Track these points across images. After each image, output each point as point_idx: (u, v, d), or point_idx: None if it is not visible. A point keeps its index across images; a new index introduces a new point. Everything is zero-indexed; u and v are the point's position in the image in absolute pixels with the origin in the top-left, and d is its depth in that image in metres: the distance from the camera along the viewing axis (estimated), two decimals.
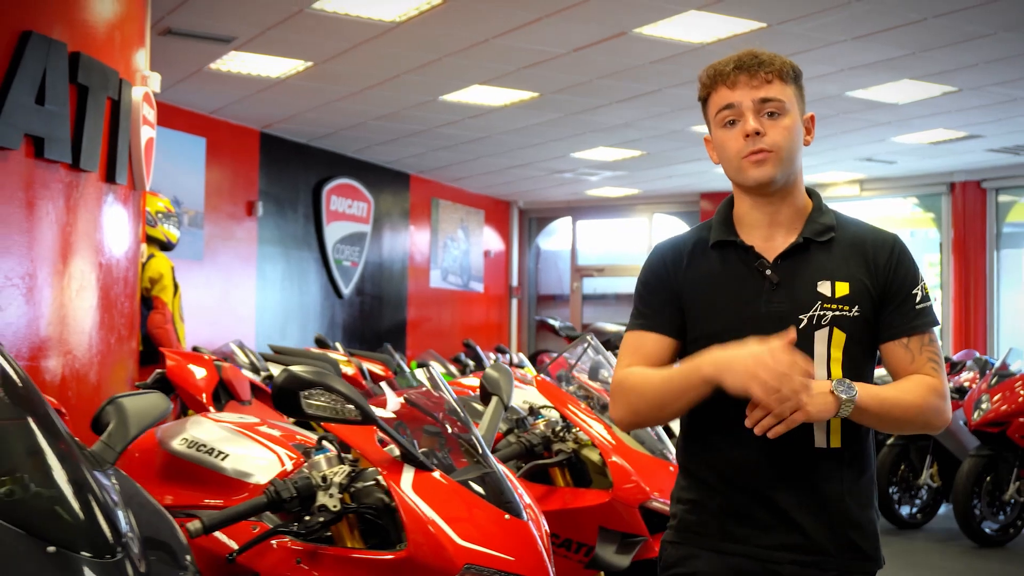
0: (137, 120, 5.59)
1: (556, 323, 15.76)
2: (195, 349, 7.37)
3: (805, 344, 2.16)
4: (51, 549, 1.71)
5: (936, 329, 2.28)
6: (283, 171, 12.35)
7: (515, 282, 17.61)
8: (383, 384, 2.72)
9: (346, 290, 13.33)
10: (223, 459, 2.58)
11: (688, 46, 8.24)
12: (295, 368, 2.36)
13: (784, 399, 2.01)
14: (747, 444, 2.18)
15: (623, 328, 15.72)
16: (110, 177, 5.31)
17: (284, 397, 2.33)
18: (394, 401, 2.67)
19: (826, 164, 13.52)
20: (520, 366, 11.55)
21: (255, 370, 8.29)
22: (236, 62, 9.01)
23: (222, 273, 11.35)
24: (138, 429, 2.09)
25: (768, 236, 2.26)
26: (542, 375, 4.06)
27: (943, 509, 8.60)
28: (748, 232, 2.28)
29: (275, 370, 5.97)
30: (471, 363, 10.89)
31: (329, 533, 2.43)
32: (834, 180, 14.66)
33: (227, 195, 11.59)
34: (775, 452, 2.17)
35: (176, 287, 6.88)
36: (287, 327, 12.37)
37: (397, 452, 2.49)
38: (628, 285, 17.44)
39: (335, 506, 2.35)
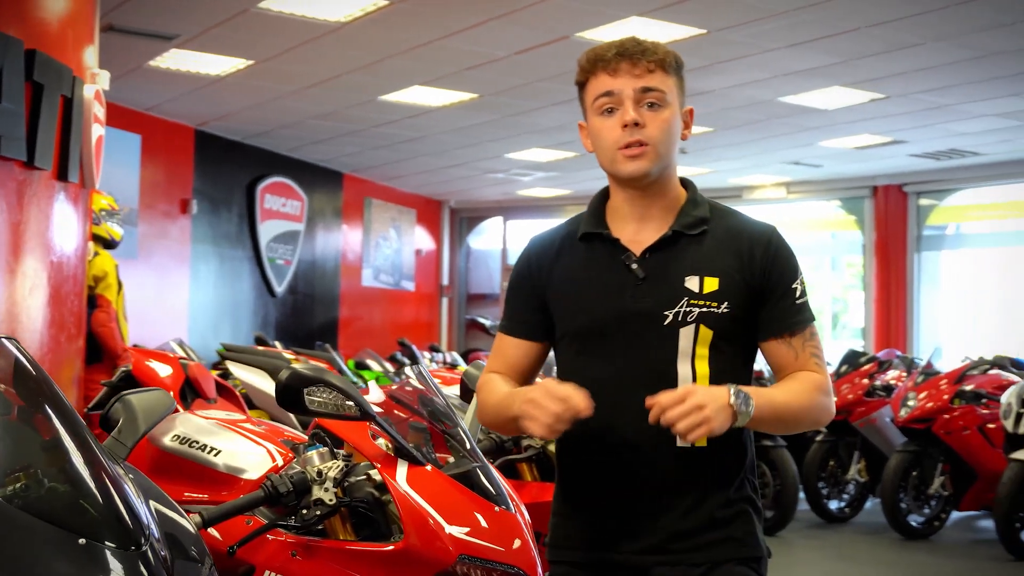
0: (89, 118, 5.57)
1: (487, 322, 15.90)
2: (135, 347, 7.34)
3: (670, 341, 2.13)
4: (82, 541, 1.76)
5: (815, 323, 2.23)
6: (217, 169, 12.29)
7: (446, 281, 17.68)
8: (372, 383, 2.79)
9: (279, 288, 13.30)
10: (215, 455, 2.63)
11: None
12: (298, 366, 2.44)
13: (685, 414, 1.95)
14: (611, 448, 2.15)
15: None
16: (62, 175, 5.29)
17: (288, 394, 2.40)
18: (376, 396, 2.74)
19: (754, 167, 13.80)
20: (454, 365, 11.66)
21: None
22: (177, 60, 8.97)
23: (156, 271, 11.26)
24: (147, 425, 2.15)
25: (639, 229, 2.20)
26: None
27: (870, 503, 8.87)
28: (620, 224, 2.21)
29: (236, 370, 5.99)
30: (407, 361, 10.95)
31: (321, 526, 2.50)
32: (761, 183, 14.96)
33: (162, 193, 11.51)
34: (638, 455, 2.13)
35: (120, 285, 6.84)
36: (220, 325, 12.31)
37: (388, 447, 2.57)
38: None
39: (331, 500, 2.42)
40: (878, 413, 8.44)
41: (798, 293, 2.19)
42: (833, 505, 8.66)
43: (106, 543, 1.78)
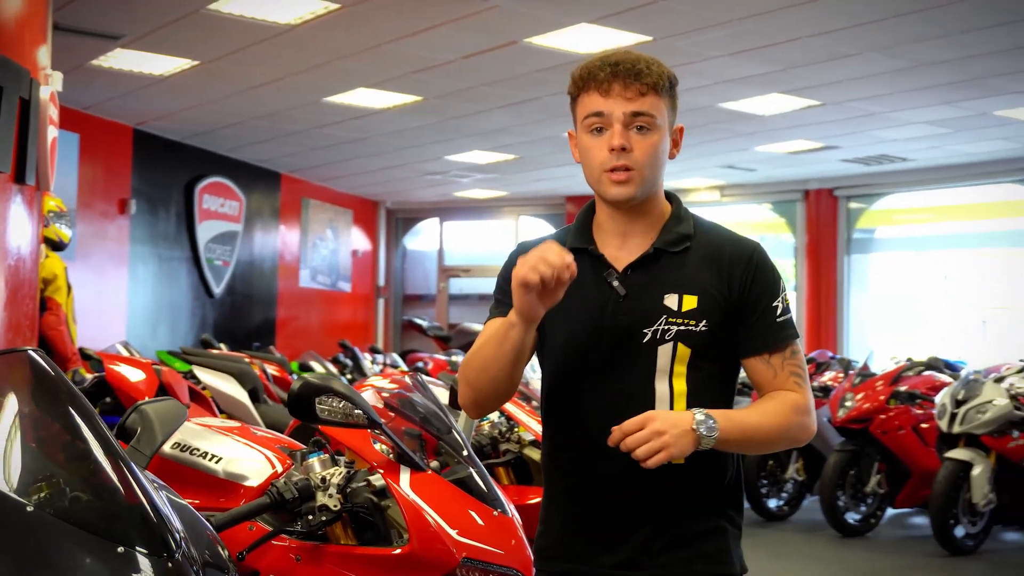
0: (45, 120, 5.53)
1: (424, 323, 15.92)
2: (80, 351, 7.29)
3: (648, 359, 2.13)
4: (120, 549, 1.81)
5: (797, 341, 2.23)
6: (156, 169, 12.18)
7: (382, 282, 17.68)
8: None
9: (217, 289, 13.21)
10: (216, 462, 2.67)
11: (575, 56, 8.50)
12: (308, 376, 2.49)
13: (644, 440, 1.97)
14: (590, 462, 2.16)
15: None
16: (19, 178, 5.25)
17: (300, 403, 2.45)
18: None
19: (690, 170, 14.00)
20: (394, 366, 11.69)
21: None
22: (121, 59, 8.90)
23: (94, 272, 11.13)
24: (164, 434, 2.19)
25: (622, 245, 2.21)
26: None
27: (807, 501, 9.08)
28: (604, 240, 2.22)
29: (202, 374, 5.98)
30: (350, 363, 10.95)
31: (322, 532, 2.56)
32: (696, 186, 15.18)
33: (100, 193, 11.38)
34: (616, 469, 2.12)
35: (69, 288, 6.79)
36: (158, 327, 12.21)
37: (389, 453, 2.64)
38: (493, 286, 17.71)
39: (335, 506, 2.48)
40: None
41: (779, 311, 2.20)
42: (772, 503, 8.85)
43: (144, 551, 1.82)
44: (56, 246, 6.90)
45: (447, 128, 11.48)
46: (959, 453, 7.36)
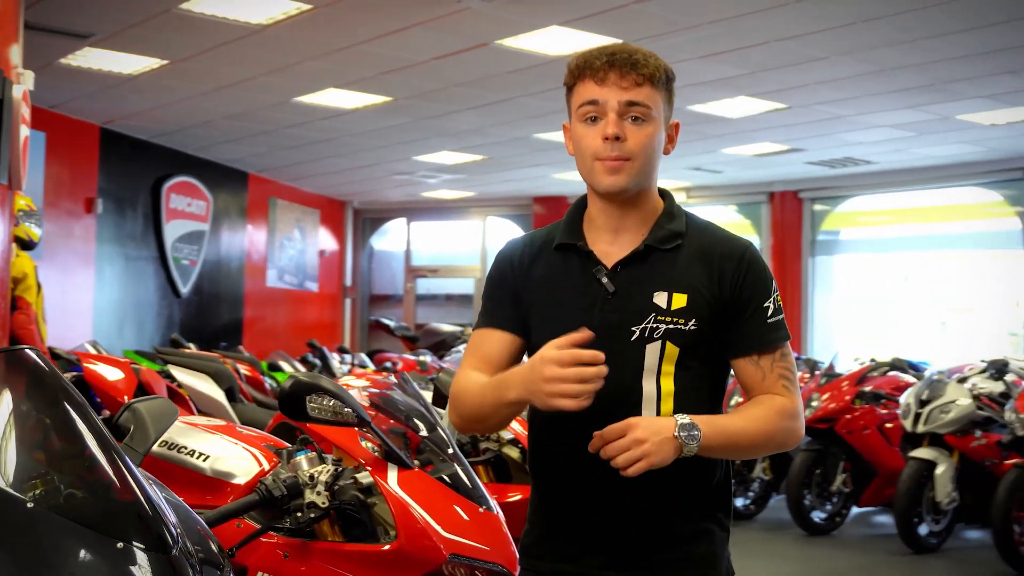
0: (17, 119, 5.52)
1: (392, 323, 15.91)
2: (50, 350, 7.25)
3: (636, 357, 2.11)
4: (119, 545, 1.83)
5: (788, 342, 2.19)
6: (123, 168, 12.12)
7: (349, 282, 17.66)
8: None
9: (184, 289, 13.16)
10: (203, 460, 2.69)
11: (545, 58, 8.56)
12: (300, 375, 2.52)
13: (624, 449, 1.96)
14: (573, 460, 2.13)
15: (458, 328, 15.91)
16: None
17: (291, 401, 2.48)
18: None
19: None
20: (363, 366, 11.68)
21: None
22: (90, 58, 8.86)
23: (60, 271, 11.06)
24: (157, 432, 2.21)
25: (612, 241, 2.18)
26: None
27: (774, 500, 9.18)
28: (595, 235, 2.20)
29: (178, 373, 5.97)
30: (318, 363, 10.94)
31: (309, 528, 2.59)
32: (660, 186, 15.24)
33: (66, 192, 11.32)
34: (603, 471, 2.05)
35: (39, 287, 6.76)
36: (125, 327, 12.15)
37: (376, 451, 2.67)
38: (461, 286, 17.76)
39: (323, 503, 2.51)
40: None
41: (769, 312, 2.16)
42: (739, 502, 8.93)
43: (142, 546, 1.85)
44: (26, 245, 6.87)
45: (416, 128, 11.50)
46: (923, 452, 7.46)
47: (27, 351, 2.04)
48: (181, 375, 5.76)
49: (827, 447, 8.24)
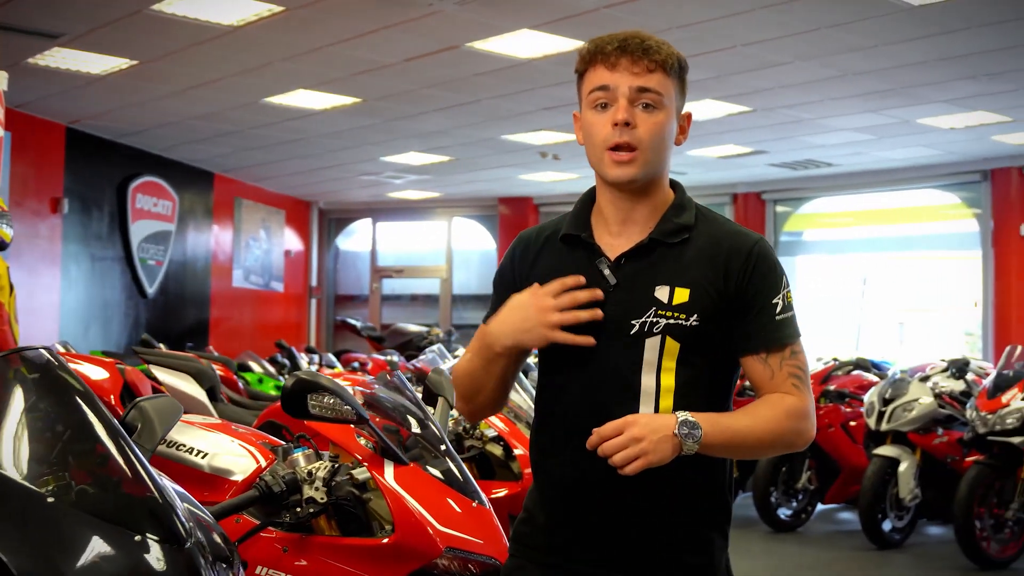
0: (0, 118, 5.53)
1: (358, 323, 15.95)
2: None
3: (635, 351, 2.07)
4: (137, 538, 1.89)
5: (801, 340, 2.14)
6: (89, 168, 12.08)
7: (314, 282, 17.67)
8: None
9: (151, 289, 13.13)
10: (201, 457, 2.75)
11: (515, 60, 8.64)
12: (301, 373, 2.58)
13: (621, 447, 1.94)
14: (572, 454, 2.10)
15: (424, 328, 15.93)
16: None
17: (294, 399, 2.54)
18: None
19: None
20: (331, 366, 11.71)
21: None
22: (58, 58, 8.83)
23: (26, 272, 11.00)
24: (163, 429, 2.26)
25: (620, 232, 2.15)
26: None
27: (741, 497, 9.30)
28: (602, 226, 2.17)
29: (159, 373, 5.98)
30: (288, 363, 10.96)
31: (307, 523, 2.65)
32: None
33: (32, 192, 11.26)
34: (600, 465, 2.01)
35: (12, 288, 6.74)
36: (91, 327, 12.11)
37: (372, 448, 2.74)
38: (426, 286, 17.81)
39: (322, 498, 2.57)
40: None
41: (778, 308, 2.10)
42: None
43: (158, 539, 1.91)
44: None
45: (384, 129, 11.55)
46: (887, 450, 7.61)
47: (40, 351, 2.09)
48: (163, 375, 5.78)
49: None
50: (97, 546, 1.85)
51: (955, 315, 17.04)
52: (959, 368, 8.02)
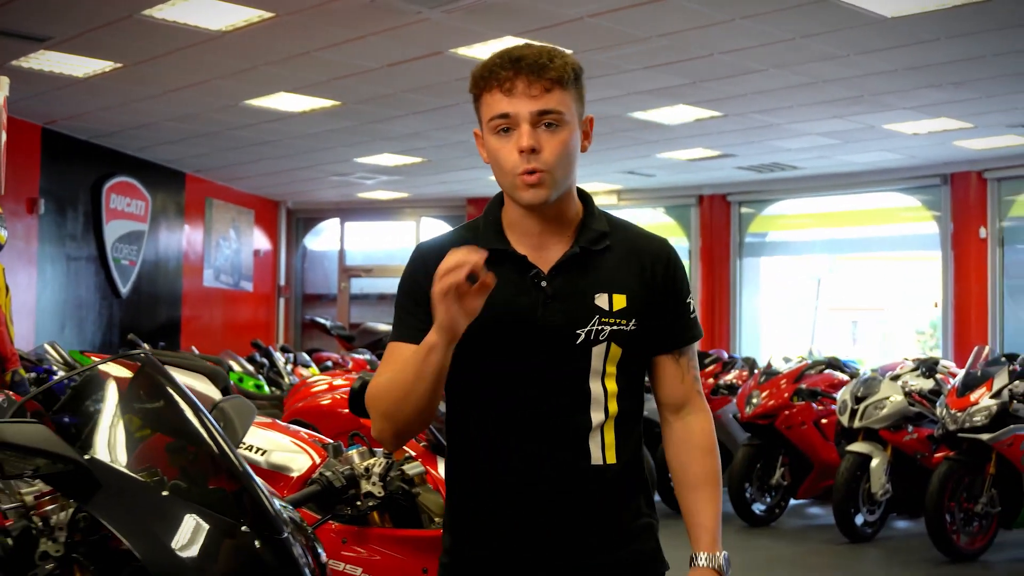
0: (2, 125, 5.62)
1: (328, 323, 16.05)
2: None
3: (582, 360, 2.10)
4: (244, 528, 2.06)
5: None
6: (64, 168, 12.10)
7: (283, 281, 17.73)
8: None
9: (124, 289, 13.18)
10: (260, 454, 2.89)
11: None
12: (367, 375, 2.74)
13: None
14: (520, 462, 2.11)
15: None
16: None
17: (360, 398, 2.69)
18: None
19: (591, 175, 14.43)
20: (306, 366, 11.83)
21: (71, 370, 8.29)
22: (42, 60, 8.89)
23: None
24: (243, 428, 2.43)
25: (539, 244, 2.14)
26: None
27: None
28: (519, 239, 2.15)
29: (176, 374, 6.08)
30: (265, 362, 11.06)
31: (363, 516, 2.82)
32: (595, 190, 15.62)
33: (9, 192, 11.25)
34: (549, 471, 2.10)
35: (7, 289, 6.83)
36: (66, 327, 12.14)
37: (424, 445, 2.91)
38: (394, 286, 17.80)
39: (379, 492, 2.74)
40: (723, 410, 9.16)
41: (691, 308, 2.22)
42: None
43: (261, 531, 2.08)
44: None
45: (360, 131, 11.68)
46: (859, 446, 7.86)
47: (146, 355, 2.25)
48: (179, 376, 5.86)
49: (766, 442, 8.61)
50: (209, 536, 2.02)
51: (907, 314, 17.49)
52: (928, 367, 8.30)
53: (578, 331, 2.10)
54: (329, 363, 12.42)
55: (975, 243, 13.09)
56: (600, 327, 2.11)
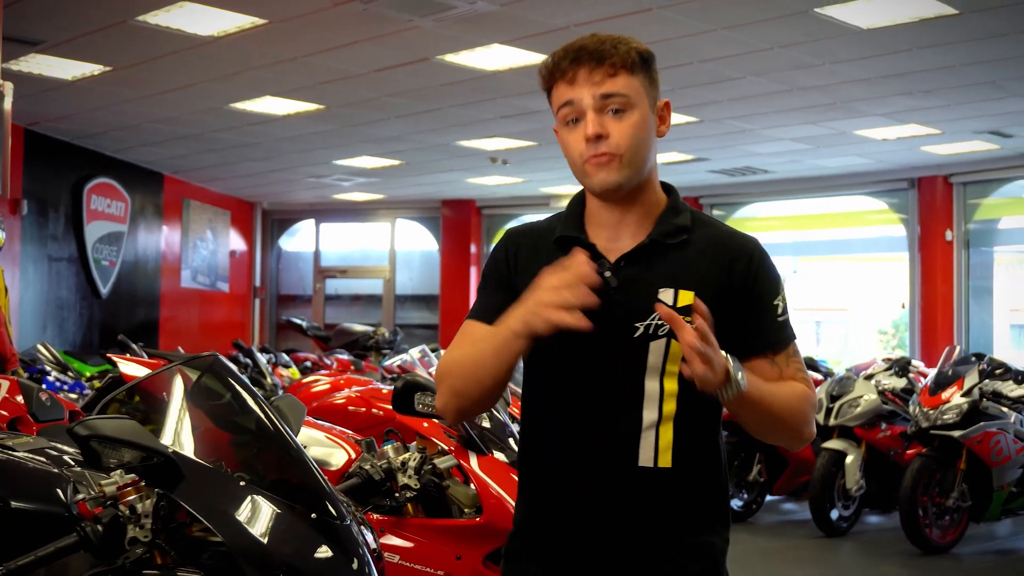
0: (7, 130, 5.75)
1: (304, 323, 16.17)
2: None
3: (639, 354, 2.03)
4: (313, 516, 2.24)
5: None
6: (46, 170, 12.17)
7: (258, 282, 17.82)
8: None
9: (104, 289, 13.25)
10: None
11: (481, 72, 9.00)
12: (408, 376, 2.93)
13: (700, 345, 1.85)
14: (567, 461, 2.09)
15: (370, 328, 16.14)
16: None
17: (403, 397, 2.89)
18: None
19: (566, 178, 14.62)
20: (287, 366, 11.96)
21: (63, 369, 8.39)
22: (32, 63, 8.97)
23: None
24: (296, 424, 2.61)
25: (615, 236, 2.10)
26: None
27: None
28: (596, 230, 2.11)
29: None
30: (249, 363, 11.17)
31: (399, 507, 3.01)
32: (568, 192, 15.77)
33: None
34: (594, 470, 2.05)
35: (6, 290, 6.93)
36: (47, 327, 12.20)
37: (456, 440, 3.10)
38: (369, 287, 18.06)
39: (415, 485, 2.92)
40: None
41: (779, 310, 2.11)
42: None
43: (328, 517, 2.26)
44: None
45: (341, 134, 11.81)
46: (834, 444, 8.12)
47: (217, 358, 2.43)
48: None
49: (743, 440, 8.82)
50: (283, 521, 2.19)
51: (870, 314, 17.85)
52: (901, 367, 8.56)
53: (636, 324, 2.03)
54: (308, 363, 12.54)
55: (941, 245, 13.41)
56: (660, 322, 2.00)
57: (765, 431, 2.12)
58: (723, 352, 1.91)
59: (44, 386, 5.90)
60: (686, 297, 2.03)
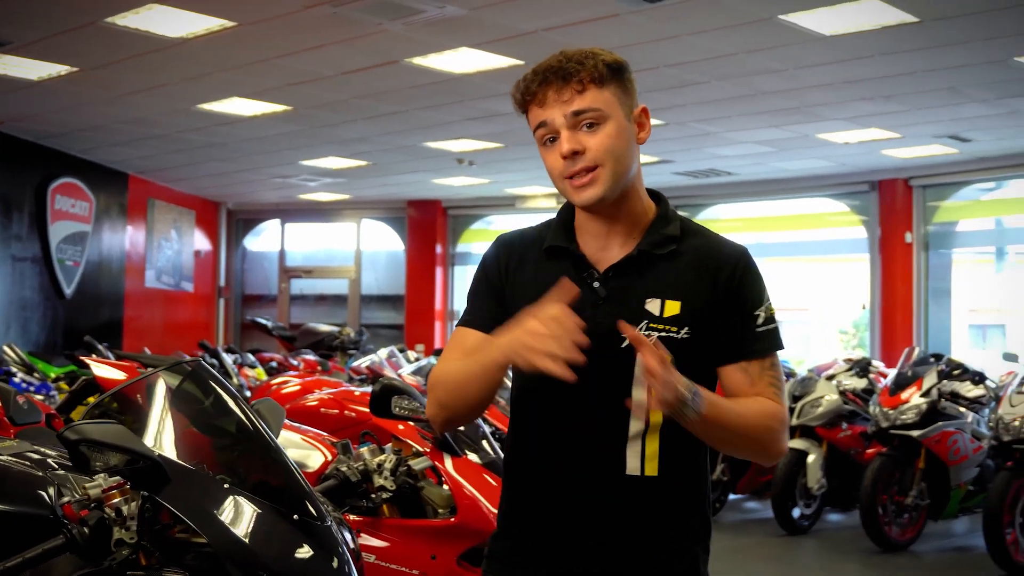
0: None
1: (269, 323, 16.17)
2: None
3: (626, 365, 2.01)
4: (295, 517, 2.30)
5: (781, 353, 2.15)
6: (9, 169, 12.11)
7: (223, 282, 17.79)
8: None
9: (68, 290, 13.19)
10: None
11: (449, 75, 9.07)
12: (385, 380, 2.99)
13: (653, 362, 1.85)
14: (554, 468, 2.10)
15: (335, 328, 16.16)
16: None
17: (380, 400, 2.95)
18: None
19: (531, 179, 14.71)
20: (253, 366, 11.97)
21: (29, 371, 8.39)
22: None
23: None
24: (276, 428, 2.67)
25: (604, 246, 2.11)
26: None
27: None
28: (586, 239, 2.13)
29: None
30: (216, 363, 11.17)
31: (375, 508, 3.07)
32: (534, 193, 15.91)
33: None
34: (581, 478, 2.06)
35: None
36: (11, 327, 12.14)
37: (431, 443, 3.16)
38: (334, 287, 18.07)
39: (391, 486, 2.99)
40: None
41: (760, 319, 2.10)
42: None
43: (308, 518, 2.32)
44: None
45: (308, 135, 11.83)
46: (796, 443, 8.24)
47: (200, 362, 2.48)
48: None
49: None
50: (266, 522, 2.25)
51: (830, 315, 18.08)
52: (862, 367, 8.71)
53: (623, 335, 1.99)
54: (273, 364, 12.55)
55: (901, 247, 13.61)
56: (647, 332, 2.02)
57: (729, 449, 2.16)
58: (683, 378, 1.92)
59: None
60: (672, 307, 2.06)
